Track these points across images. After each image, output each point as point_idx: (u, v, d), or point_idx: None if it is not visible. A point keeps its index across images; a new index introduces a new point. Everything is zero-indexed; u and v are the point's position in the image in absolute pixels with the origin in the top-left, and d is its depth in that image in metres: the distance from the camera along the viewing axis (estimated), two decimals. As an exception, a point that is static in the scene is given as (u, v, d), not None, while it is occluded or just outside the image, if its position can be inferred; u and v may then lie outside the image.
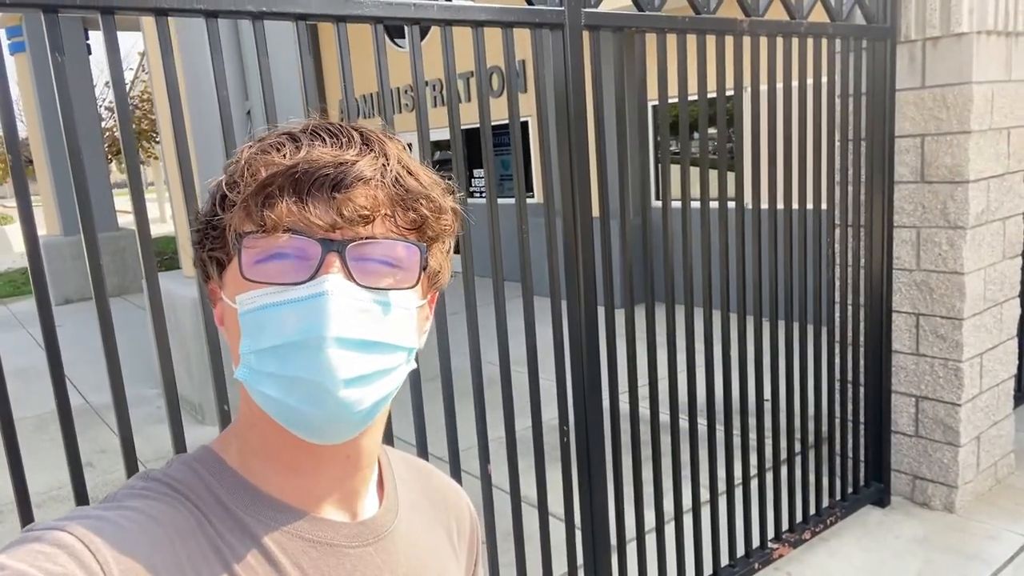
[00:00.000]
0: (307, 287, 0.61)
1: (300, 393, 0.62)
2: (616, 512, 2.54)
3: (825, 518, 3.30)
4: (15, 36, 10.24)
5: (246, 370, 0.64)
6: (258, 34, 1.70)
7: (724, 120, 2.65)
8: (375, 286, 0.63)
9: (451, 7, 1.94)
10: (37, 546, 0.56)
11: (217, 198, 0.65)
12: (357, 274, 0.62)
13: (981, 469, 3.53)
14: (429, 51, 2.36)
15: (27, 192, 1.47)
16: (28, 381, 6.01)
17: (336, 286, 0.61)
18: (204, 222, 0.67)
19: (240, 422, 0.71)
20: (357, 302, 0.62)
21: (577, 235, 2.30)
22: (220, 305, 0.69)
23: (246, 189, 0.62)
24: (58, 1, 1.42)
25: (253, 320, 0.63)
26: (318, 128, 0.65)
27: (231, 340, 0.67)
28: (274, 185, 0.61)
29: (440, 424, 2.14)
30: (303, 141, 0.64)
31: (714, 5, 2.52)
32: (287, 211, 0.61)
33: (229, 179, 0.64)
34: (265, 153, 0.64)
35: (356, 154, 0.63)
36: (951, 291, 3.26)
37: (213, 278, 0.69)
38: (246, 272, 0.62)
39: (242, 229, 0.63)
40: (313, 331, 0.60)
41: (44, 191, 10.96)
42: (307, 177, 0.61)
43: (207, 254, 0.68)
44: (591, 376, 2.40)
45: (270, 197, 0.61)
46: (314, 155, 0.62)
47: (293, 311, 0.61)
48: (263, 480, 0.69)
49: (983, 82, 3.12)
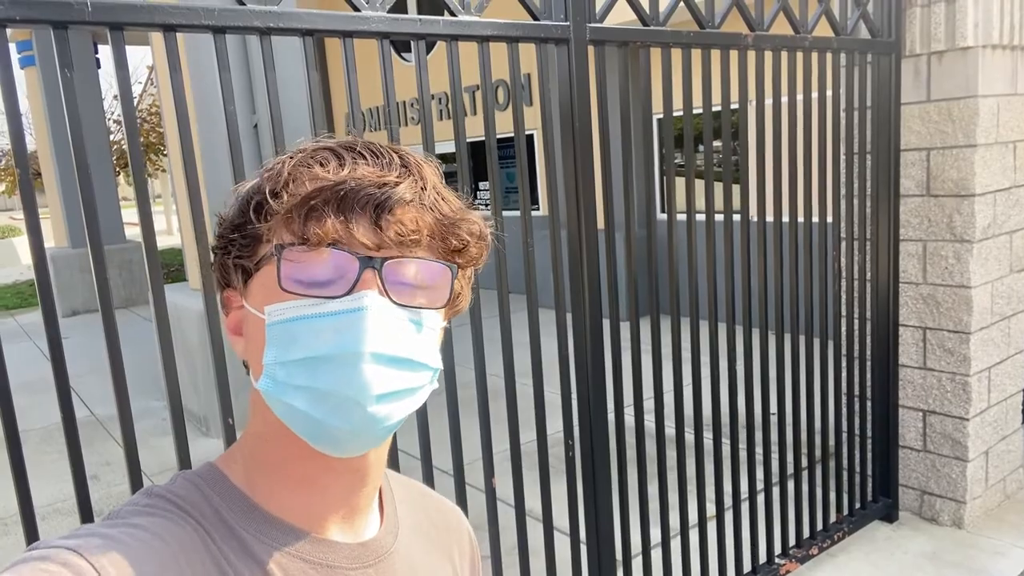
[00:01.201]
0: (344, 301, 0.61)
1: (328, 406, 0.62)
2: (621, 527, 2.53)
3: (833, 534, 3.27)
4: (25, 50, 10.34)
5: (269, 381, 0.64)
6: (265, 50, 1.72)
7: (729, 133, 2.65)
8: (409, 304, 0.64)
9: (457, 23, 1.96)
10: (42, 565, 0.56)
11: (252, 206, 0.64)
12: (392, 292, 0.63)
13: (990, 484, 3.50)
14: (435, 65, 2.37)
15: (34, 204, 1.48)
16: (35, 393, 6.03)
17: (374, 302, 0.61)
18: (233, 227, 0.66)
19: (249, 436, 0.71)
20: (392, 318, 0.62)
21: (582, 247, 2.30)
22: (238, 313, 0.69)
23: (290, 200, 0.62)
24: (67, 17, 1.43)
25: (284, 331, 0.62)
26: (359, 146, 0.65)
27: (251, 350, 0.67)
28: (319, 199, 0.61)
29: (444, 437, 2.13)
30: (346, 158, 0.64)
31: (719, 20, 2.53)
32: (333, 228, 0.61)
33: (271, 188, 0.63)
34: (308, 166, 0.63)
35: (397, 176, 0.63)
36: (958, 305, 3.24)
37: (235, 285, 0.68)
38: (284, 284, 0.62)
39: (283, 240, 0.63)
40: (350, 346, 0.61)
41: (53, 203, 11.03)
42: (353, 195, 0.61)
43: (233, 260, 0.67)
44: (596, 389, 2.39)
45: (315, 210, 0.61)
46: (359, 173, 0.62)
47: (329, 324, 0.61)
48: (267, 498, 0.69)
49: (989, 96, 3.12)
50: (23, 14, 1.39)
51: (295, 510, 0.69)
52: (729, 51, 2.59)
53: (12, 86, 1.43)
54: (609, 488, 2.47)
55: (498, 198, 2.14)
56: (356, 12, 1.79)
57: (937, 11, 3.09)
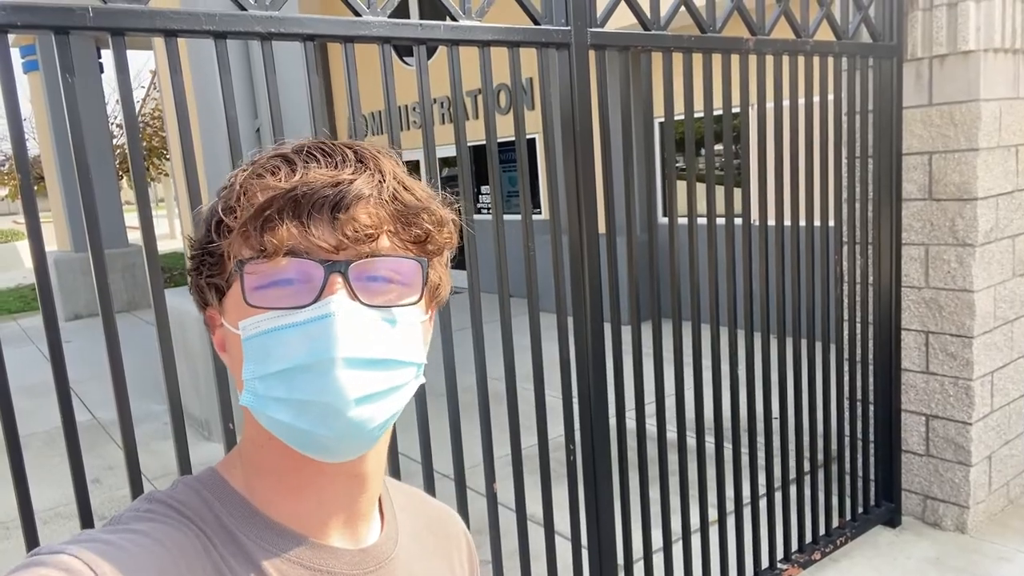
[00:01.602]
0: (312, 309, 0.61)
1: (311, 415, 0.62)
2: (623, 531, 2.52)
3: (835, 538, 3.26)
4: (29, 55, 10.39)
5: (251, 395, 0.64)
6: (266, 54, 1.72)
7: (731, 137, 2.65)
8: (379, 304, 0.63)
9: (458, 27, 1.96)
10: (42, 571, 0.56)
11: (212, 224, 0.64)
12: (361, 293, 0.62)
13: (993, 489, 3.49)
14: (436, 69, 2.37)
15: (35, 208, 1.49)
16: (38, 396, 6.04)
17: (341, 307, 0.60)
18: (200, 248, 0.66)
19: (245, 443, 0.71)
20: (363, 321, 0.61)
21: (583, 251, 2.30)
22: (220, 331, 0.69)
23: (243, 214, 0.61)
24: (69, 23, 1.44)
25: (258, 345, 0.62)
26: (311, 148, 0.64)
27: (233, 366, 0.67)
28: (273, 208, 0.61)
29: (445, 441, 2.13)
30: (297, 163, 0.63)
31: (720, 24, 2.53)
32: (288, 234, 0.60)
33: (224, 204, 0.63)
34: (260, 177, 0.63)
35: (352, 173, 0.63)
36: (960, 309, 3.24)
37: (212, 304, 0.68)
38: (249, 298, 0.62)
39: (242, 255, 0.62)
40: (321, 353, 0.60)
41: (55, 207, 11.06)
42: (306, 199, 0.61)
43: (205, 281, 0.67)
44: (598, 393, 2.39)
45: (269, 221, 0.60)
46: (311, 176, 0.61)
47: (299, 334, 0.61)
48: (268, 503, 0.69)
49: (991, 99, 3.11)
50: (25, 20, 1.39)
51: (295, 516, 0.69)
52: (730, 55, 2.59)
53: (13, 91, 1.43)
54: (611, 492, 2.46)
55: (499, 202, 2.14)
56: (357, 17, 1.80)
57: (939, 15, 3.09)
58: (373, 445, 0.68)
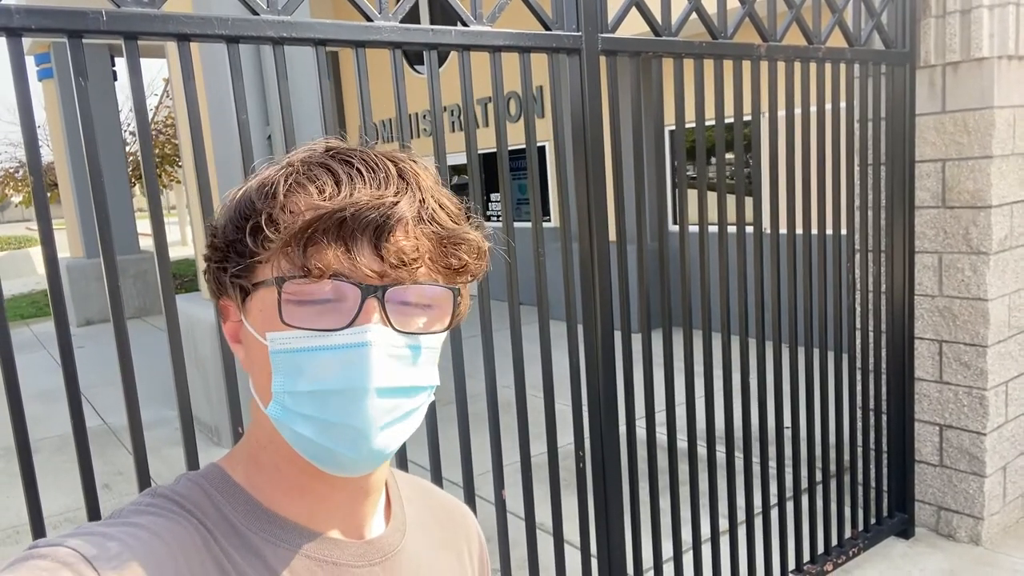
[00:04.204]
0: (348, 335, 0.61)
1: (336, 436, 0.63)
2: (633, 541, 2.50)
3: (847, 549, 3.23)
4: (43, 63, 10.49)
5: (279, 408, 0.64)
6: (278, 59, 1.72)
7: (742, 145, 2.64)
8: (411, 330, 0.64)
9: (469, 32, 1.96)
10: (41, 563, 0.56)
11: (248, 227, 0.63)
12: (394, 317, 0.63)
13: (1008, 500, 3.45)
14: (446, 77, 2.38)
15: (47, 213, 1.49)
16: (50, 402, 6.06)
17: (378, 336, 0.61)
18: (227, 243, 0.65)
19: (251, 441, 0.71)
20: (395, 349, 0.63)
21: (594, 259, 2.29)
22: (236, 325, 0.69)
23: (287, 231, 0.61)
24: (82, 26, 1.44)
25: (289, 361, 0.63)
26: (351, 158, 0.64)
27: (254, 370, 0.67)
28: (318, 228, 0.60)
29: (455, 449, 2.12)
30: (342, 176, 0.62)
31: (731, 30, 2.52)
32: (334, 258, 0.60)
33: (265, 211, 0.62)
34: (303, 187, 0.62)
35: (395, 193, 0.62)
36: (975, 318, 3.21)
37: (233, 300, 0.67)
38: (286, 318, 0.62)
39: (281, 270, 0.62)
40: (356, 382, 0.61)
41: (68, 214, 11.14)
42: (352, 221, 0.60)
43: (230, 278, 0.66)
44: (607, 401, 2.37)
45: (313, 241, 0.60)
46: (355, 196, 0.61)
47: (334, 358, 0.61)
48: (270, 499, 0.69)
49: (1005, 107, 3.09)
50: (39, 23, 1.40)
51: (299, 511, 0.70)
52: (742, 62, 2.58)
53: (27, 94, 1.44)
54: (621, 501, 2.44)
55: (509, 210, 2.14)
56: (369, 22, 1.80)
57: (952, 21, 3.07)
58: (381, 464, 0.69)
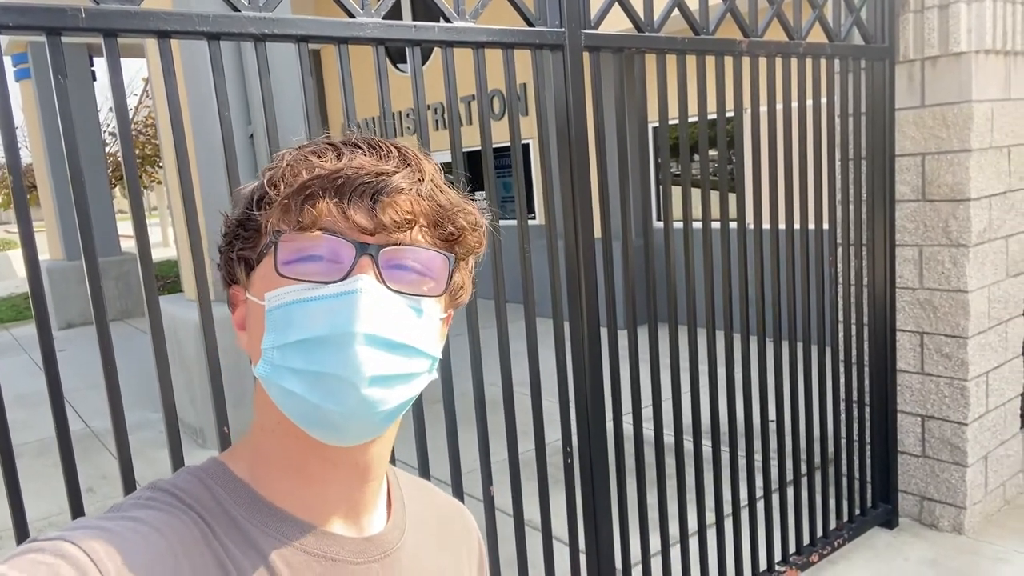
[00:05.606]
0: (338, 285, 0.62)
1: (323, 389, 0.63)
2: (621, 535, 2.51)
3: (833, 540, 3.26)
4: (21, 63, 10.35)
5: (267, 366, 0.65)
6: (260, 56, 1.71)
7: (724, 141, 2.66)
8: (405, 291, 0.65)
9: (452, 28, 1.96)
10: (40, 556, 0.56)
11: (255, 199, 0.67)
12: (388, 278, 0.64)
13: (990, 489, 3.49)
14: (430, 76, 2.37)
15: (28, 215, 1.47)
16: (31, 406, 6.00)
17: (367, 286, 0.62)
18: (236, 223, 0.68)
19: (254, 430, 0.72)
20: (386, 303, 0.63)
21: (579, 256, 2.30)
22: (243, 308, 0.70)
23: (286, 189, 0.64)
24: (61, 24, 1.43)
25: (281, 315, 0.64)
26: (358, 140, 0.68)
27: (252, 339, 0.68)
28: (315, 186, 0.63)
29: (442, 446, 2.12)
30: (344, 151, 0.66)
31: (713, 26, 2.53)
32: (326, 210, 0.63)
33: (270, 180, 0.66)
34: (307, 159, 0.66)
35: (394, 167, 0.65)
36: (955, 310, 3.24)
37: (239, 280, 0.69)
38: (281, 268, 0.64)
39: (280, 226, 0.64)
40: (343, 327, 0.61)
41: (48, 216, 11.02)
42: (349, 183, 0.63)
43: (236, 254, 0.68)
44: (594, 397, 2.38)
45: (310, 196, 0.63)
46: (356, 163, 0.64)
47: (323, 307, 0.62)
48: (271, 491, 0.69)
49: (983, 101, 3.13)
50: (16, 20, 1.38)
51: (299, 503, 0.70)
52: (724, 57, 2.60)
53: (5, 94, 1.42)
54: (608, 497, 2.45)
55: (494, 207, 2.14)
56: (351, 19, 1.79)
57: (930, 17, 3.11)
58: (379, 432, 0.69)
